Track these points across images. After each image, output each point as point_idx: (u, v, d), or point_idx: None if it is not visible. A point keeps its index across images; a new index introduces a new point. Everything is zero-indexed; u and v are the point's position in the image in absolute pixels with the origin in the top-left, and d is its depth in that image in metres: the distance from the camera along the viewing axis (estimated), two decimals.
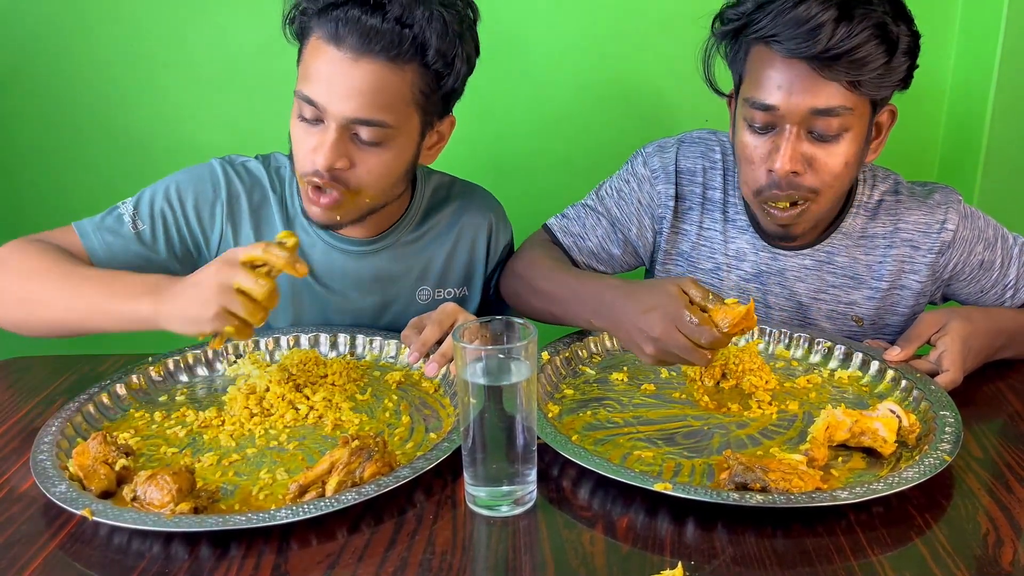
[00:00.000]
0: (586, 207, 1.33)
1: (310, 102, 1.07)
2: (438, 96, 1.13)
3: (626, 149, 1.37)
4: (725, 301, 0.98)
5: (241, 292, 0.93)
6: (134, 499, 0.84)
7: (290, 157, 1.18)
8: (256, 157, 1.27)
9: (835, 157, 1.11)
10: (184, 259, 1.21)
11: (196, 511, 0.83)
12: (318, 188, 1.10)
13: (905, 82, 1.12)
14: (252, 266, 0.94)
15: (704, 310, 0.97)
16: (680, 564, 0.76)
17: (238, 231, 1.22)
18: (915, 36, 1.10)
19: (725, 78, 1.19)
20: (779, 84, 1.08)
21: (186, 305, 0.95)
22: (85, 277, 1.05)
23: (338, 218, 1.15)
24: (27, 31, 1.66)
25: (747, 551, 0.80)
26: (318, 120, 1.08)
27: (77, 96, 1.71)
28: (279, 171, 1.25)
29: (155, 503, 0.83)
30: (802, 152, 1.10)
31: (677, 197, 1.29)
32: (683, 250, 1.31)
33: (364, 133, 1.08)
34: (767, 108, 1.09)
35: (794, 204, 1.14)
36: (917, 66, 1.12)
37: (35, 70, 1.69)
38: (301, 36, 1.11)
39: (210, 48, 1.69)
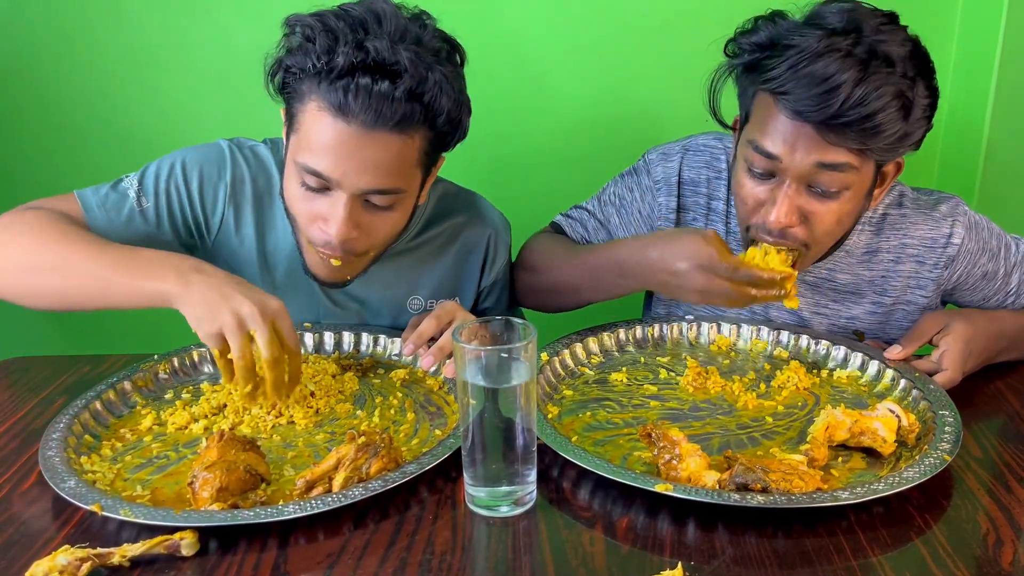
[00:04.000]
0: (589, 212, 1.33)
1: (317, 175, 1.02)
2: (440, 150, 1.11)
3: (625, 149, 1.37)
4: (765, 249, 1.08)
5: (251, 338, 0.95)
6: (190, 482, 0.85)
7: (286, 211, 1.14)
8: (265, 141, 1.24)
9: (831, 214, 1.07)
10: (187, 240, 1.20)
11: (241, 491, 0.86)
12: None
13: (917, 145, 1.07)
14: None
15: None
16: (680, 564, 0.76)
17: (240, 215, 1.19)
18: (933, 95, 1.04)
19: (729, 100, 1.16)
20: (784, 138, 1.03)
21: (200, 298, 0.96)
22: (104, 247, 1.03)
23: (348, 277, 1.16)
24: (27, 31, 1.66)
25: (747, 551, 0.80)
26: (324, 189, 1.04)
27: (77, 95, 1.71)
28: (284, 164, 1.22)
29: (200, 496, 0.84)
30: (799, 206, 1.07)
31: (679, 208, 1.28)
32: None
33: (376, 200, 1.05)
34: (769, 156, 1.05)
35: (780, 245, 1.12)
36: (931, 127, 1.07)
37: (35, 70, 1.69)
38: (289, 95, 1.05)
39: (210, 48, 1.69)
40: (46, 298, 1.06)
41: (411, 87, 0.99)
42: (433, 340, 1.12)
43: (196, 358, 1.15)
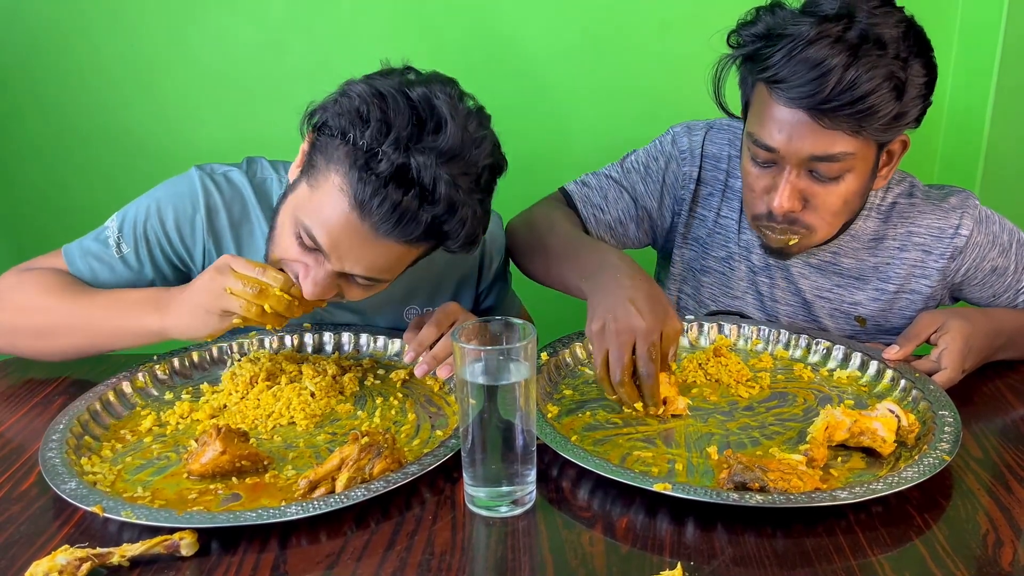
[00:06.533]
0: (609, 178, 1.31)
1: (312, 238, 0.99)
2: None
3: (626, 149, 1.37)
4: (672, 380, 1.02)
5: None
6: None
7: (279, 200, 1.09)
8: (242, 163, 1.22)
9: (834, 196, 1.10)
10: (174, 276, 1.20)
11: (238, 472, 0.90)
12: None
13: (917, 121, 1.09)
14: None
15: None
16: (679, 564, 0.76)
17: (220, 244, 1.19)
18: (931, 72, 1.06)
19: (734, 89, 1.17)
20: (780, 128, 1.06)
21: (187, 317, 1.03)
22: (91, 302, 1.10)
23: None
24: (27, 31, 1.66)
25: (747, 551, 0.80)
26: (315, 250, 1.00)
27: (77, 96, 1.71)
28: (263, 184, 1.20)
29: (202, 460, 0.90)
30: (801, 190, 1.10)
31: (699, 181, 1.29)
32: (699, 236, 1.31)
33: (359, 279, 1.04)
34: (767, 148, 1.09)
35: (788, 233, 1.15)
36: (931, 103, 1.08)
37: (35, 70, 1.69)
38: (321, 145, 0.98)
39: (210, 48, 1.69)
40: (53, 356, 1.15)
41: (437, 215, 0.96)
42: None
43: (196, 359, 1.15)
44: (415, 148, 0.93)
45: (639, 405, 1.01)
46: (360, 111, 0.94)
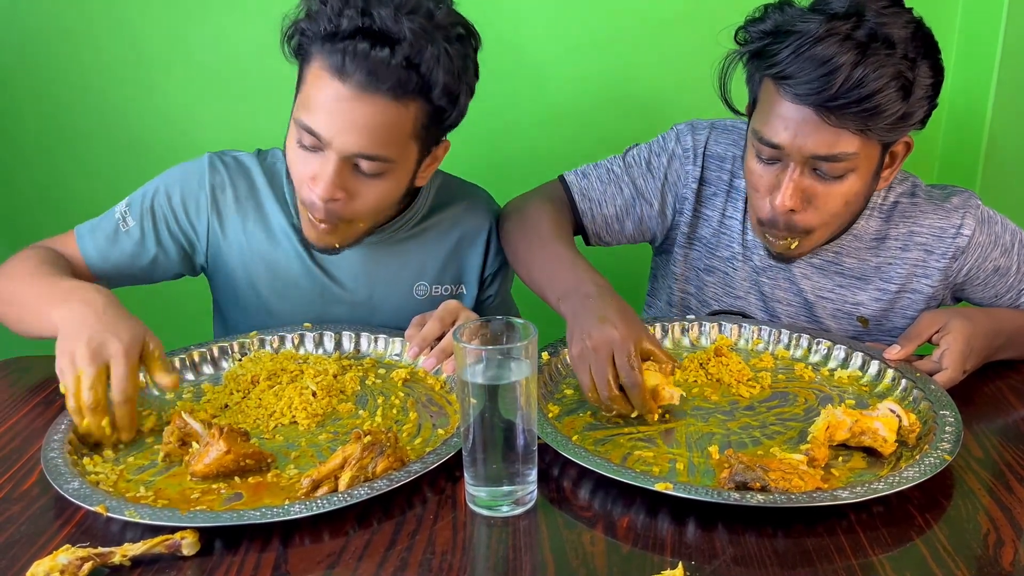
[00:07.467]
0: (611, 172, 1.31)
1: (311, 132, 1.06)
2: (439, 127, 1.13)
3: (626, 147, 1.37)
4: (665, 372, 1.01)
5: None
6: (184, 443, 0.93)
7: (287, 175, 1.17)
8: (255, 151, 1.28)
9: (836, 196, 1.10)
10: (180, 255, 1.25)
11: (242, 472, 0.90)
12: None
13: (922, 123, 1.09)
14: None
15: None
16: (681, 564, 0.76)
17: (224, 221, 1.24)
18: (937, 74, 1.07)
19: (739, 87, 1.17)
20: (786, 126, 1.06)
21: (64, 331, 0.96)
22: (41, 279, 1.09)
23: (336, 244, 1.18)
24: (27, 31, 1.66)
25: (747, 551, 0.80)
26: (317, 149, 1.07)
27: (78, 96, 1.71)
28: (274, 166, 1.26)
29: (206, 461, 0.89)
30: (804, 188, 1.10)
31: (702, 181, 1.29)
32: (703, 235, 1.31)
33: (365, 166, 1.08)
34: (773, 146, 1.09)
35: (789, 239, 1.16)
36: (936, 105, 1.09)
37: (35, 70, 1.69)
38: (301, 58, 1.09)
39: (210, 48, 1.69)
40: (11, 326, 1.14)
41: (408, 55, 1.02)
42: (438, 341, 1.12)
43: (196, 358, 1.15)
44: (371, 6, 1.02)
45: (635, 414, 1.01)
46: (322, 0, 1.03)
